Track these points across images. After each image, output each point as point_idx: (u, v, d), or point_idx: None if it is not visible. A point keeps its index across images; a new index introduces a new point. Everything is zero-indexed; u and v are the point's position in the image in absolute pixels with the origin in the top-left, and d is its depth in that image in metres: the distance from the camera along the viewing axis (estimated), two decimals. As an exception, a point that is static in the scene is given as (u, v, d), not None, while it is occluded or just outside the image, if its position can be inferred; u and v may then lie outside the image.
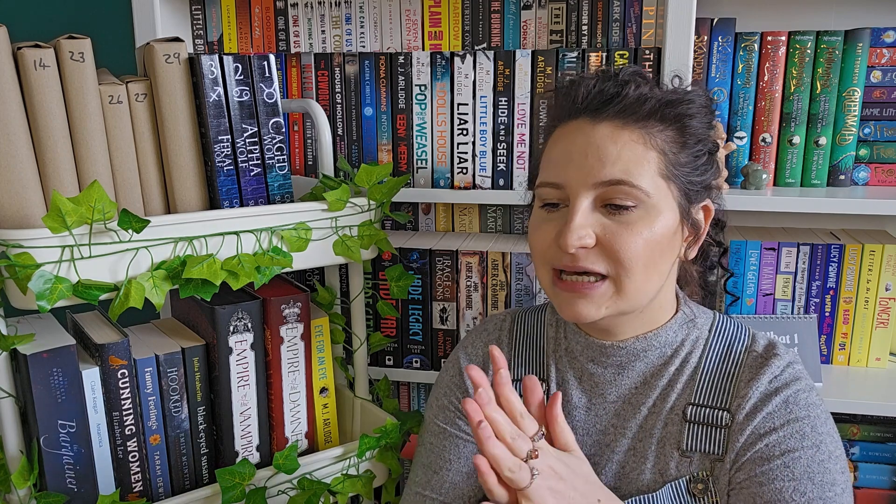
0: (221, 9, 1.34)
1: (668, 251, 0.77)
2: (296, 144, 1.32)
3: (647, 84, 0.77)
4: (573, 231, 0.73)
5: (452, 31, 1.27)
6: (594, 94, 0.76)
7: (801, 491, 0.72)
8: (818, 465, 0.73)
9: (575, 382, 0.85)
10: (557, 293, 0.78)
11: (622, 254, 0.73)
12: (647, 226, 0.74)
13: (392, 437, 1.04)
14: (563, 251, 0.74)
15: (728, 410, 0.78)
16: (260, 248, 0.92)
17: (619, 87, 0.76)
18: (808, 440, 0.74)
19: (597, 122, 0.75)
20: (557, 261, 0.76)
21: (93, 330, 0.92)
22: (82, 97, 0.85)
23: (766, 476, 0.73)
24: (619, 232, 0.73)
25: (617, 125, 0.75)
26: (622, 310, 0.76)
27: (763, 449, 0.74)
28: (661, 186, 0.74)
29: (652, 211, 0.74)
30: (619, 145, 0.74)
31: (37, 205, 0.84)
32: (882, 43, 1.15)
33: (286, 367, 1.00)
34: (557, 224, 0.76)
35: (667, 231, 0.75)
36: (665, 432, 0.79)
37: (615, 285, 0.75)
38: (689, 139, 0.77)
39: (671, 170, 0.75)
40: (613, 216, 0.74)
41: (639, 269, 0.74)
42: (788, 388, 0.77)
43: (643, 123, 0.75)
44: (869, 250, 1.17)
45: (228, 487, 0.92)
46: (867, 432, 1.24)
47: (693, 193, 0.78)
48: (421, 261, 1.24)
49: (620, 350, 0.81)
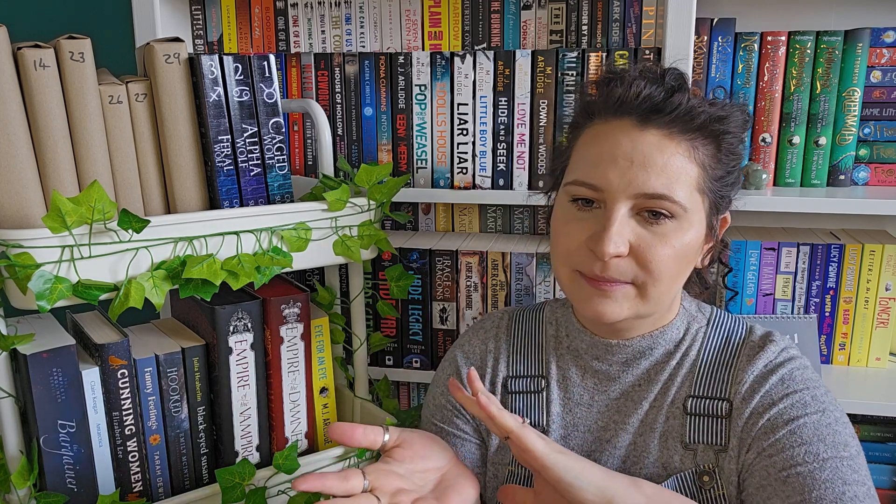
0: (221, 9, 1.34)
1: (692, 260, 0.77)
2: (296, 144, 1.32)
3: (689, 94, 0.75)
4: (611, 239, 0.71)
5: (452, 31, 1.27)
6: (643, 97, 0.74)
7: (813, 453, 0.70)
8: (826, 427, 0.72)
9: (578, 380, 0.85)
10: (582, 287, 0.76)
11: (653, 264, 0.73)
12: (678, 238, 0.73)
13: (392, 437, 1.04)
14: (599, 258, 0.73)
15: (727, 399, 0.78)
16: (260, 248, 0.92)
17: (668, 93, 0.74)
18: (811, 407, 0.73)
19: (644, 128, 0.73)
20: (585, 266, 0.75)
21: (93, 330, 0.92)
22: (82, 97, 0.85)
23: (774, 447, 0.72)
24: (653, 243, 0.73)
25: (664, 134, 0.73)
26: (642, 313, 0.77)
27: (766, 424, 0.73)
28: (697, 200, 0.74)
29: (685, 224, 0.74)
30: (666, 156, 0.72)
31: (37, 205, 0.84)
32: (882, 43, 1.15)
33: (286, 367, 1.00)
34: (590, 226, 0.75)
35: (695, 243, 0.75)
36: (667, 426, 0.80)
37: (639, 290, 0.75)
38: (724, 155, 0.77)
39: (707, 184, 0.75)
40: (648, 226, 0.73)
41: (666, 279, 0.74)
42: (783, 367, 0.77)
43: (691, 136, 0.74)
44: (869, 250, 1.17)
45: (228, 487, 0.92)
46: (867, 432, 1.24)
47: (721, 207, 0.78)
48: (421, 261, 1.24)
49: (626, 348, 0.82)
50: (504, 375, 0.89)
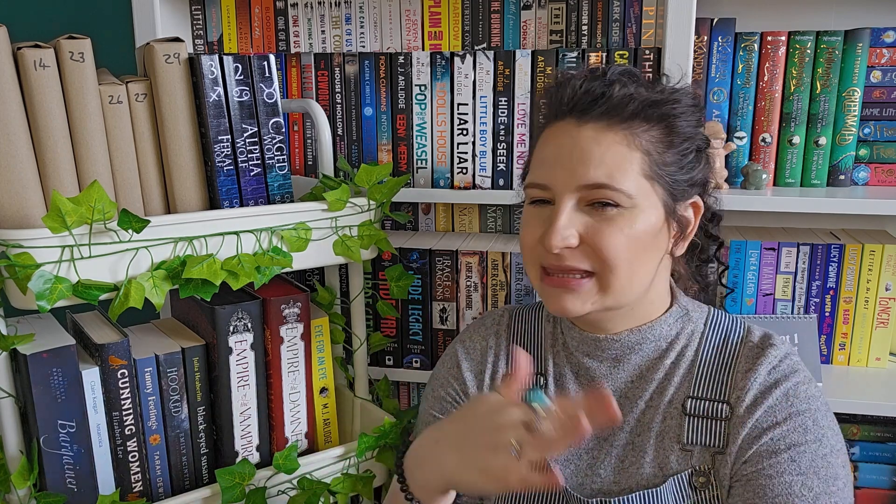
0: (221, 9, 1.34)
1: (653, 248, 0.77)
2: (296, 144, 1.32)
3: (635, 84, 0.77)
4: (557, 232, 0.74)
5: (452, 31, 1.27)
6: (580, 94, 0.77)
7: (808, 486, 0.73)
8: (821, 459, 0.74)
9: (572, 377, 0.86)
10: (544, 288, 0.79)
11: (605, 251, 0.74)
12: (628, 224, 0.74)
13: (391, 436, 1.04)
14: (548, 251, 0.75)
15: (727, 402, 0.78)
16: (260, 248, 0.92)
17: (605, 87, 0.76)
18: (811, 434, 0.75)
19: (582, 124, 0.76)
20: (544, 259, 0.78)
21: (93, 330, 0.92)
22: (82, 97, 0.85)
23: (774, 469, 0.74)
24: (601, 230, 0.74)
25: (602, 126, 0.75)
26: (608, 305, 0.77)
27: (769, 443, 0.75)
28: (645, 186, 0.75)
29: (635, 210, 0.75)
30: (603, 147, 0.74)
31: (37, 205, 0.84)
32: (882, 43, 1.15)
33: (286, 367, 1.00)
34: (544, 223, 0.77)
35: (650, 229, 0.76)
36: (664, 426, 0.80)
37: (600, 282, 0.76)
38: (675, 138, 0.77)
39: (655, 169, 0.76)
40: (596, 214, 0.75)
41: (623, 266, 0.75)
42: (788, 380, 0.77)
43: (628, 124, 0.75)
44: (869, 250, 1.17)
45: (228, 487, 0.92)
46: (867, 432, 1.24)
47: (679, 192, 0.78)
48: (421, 261, 1.24)
49: (615, 343, 0.82)
50: (504, 373, 0.90)
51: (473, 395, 0.90)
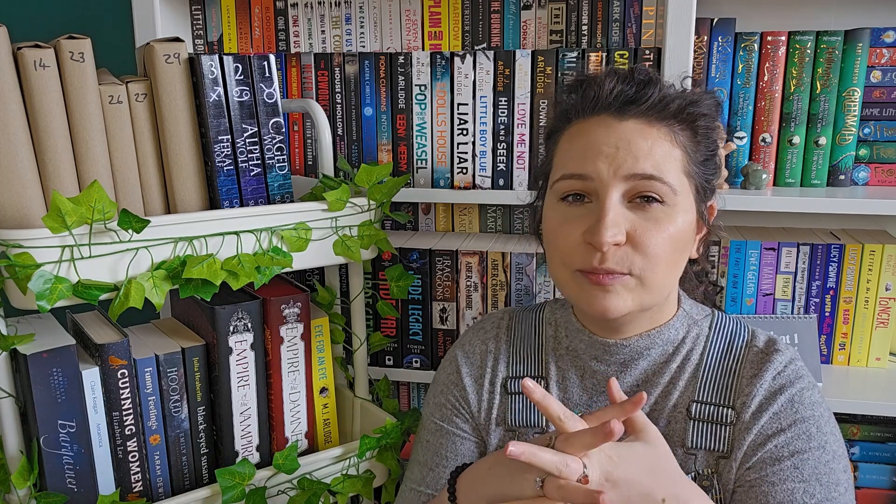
0: (221, 9, 1.34)
1: (685, 249, 0.77)
2: (296, 144, 1.32)
3: (661, 85, 0.78)
4: (608, 227, 0.71)
5: (452, 31, 1.27)
6: (616, 93, 0.76)
7: (810, 493, 0.73)
8: (824, 465, 0.74)
9: (577, 381, 0.85)
10: (583, 286, 0.75)
11: (651, 249, 0.73)
12: (671, 222, 0.74)
13: (392, 437, 1.04)
14: (597, 248, 0.72)
15: (732, 408, 0.78)
16: (260, 248, 0.92)
17: (640, 87, 0.76)
18: (815, 440, 0.75)
19: (623, 119, 0.75)
20: (585, 262, 0.74)
21: (93, 330, 0.92)
22: (82, 97, 0.85)
23: (777, 476, 0.74)
24: (648, 228, 0.73)
25: (643, 122, 0.75)
26: (645, 304, 0.76)
27: (773, 449, 0.75)
28: (685, 184, 0.76)
29: (676, 207, 0.75)
30: (650, 141, 0.74)
31: (37, 205, 0.84)
32: (882, 43, 1.15)
33: (286, 367, 1.00)
34: (585, 221, 0.74)
35: (687, 228, 0.76)
36: (669, 430, 0.80)
37: (639, 281, 0.74)
38: (702, 139, 0.78)
39: (691, 168, 0.76)
40: (641, 212, 0.74)
41: (663, 265, 0.74)
42: (793, 386, 0.77)
43: (668, 122, 0.76)
44: (869, 250, 1.17)
45: (228, 487, 0.92)
46: (867, 432, 1.24)
47: (706, 192, 0.79)
48: (421, 261, 1.24)
49: (624, 348, 0.81)
50: (504, 376, 0.89)
51: (472, 400, 0.89)
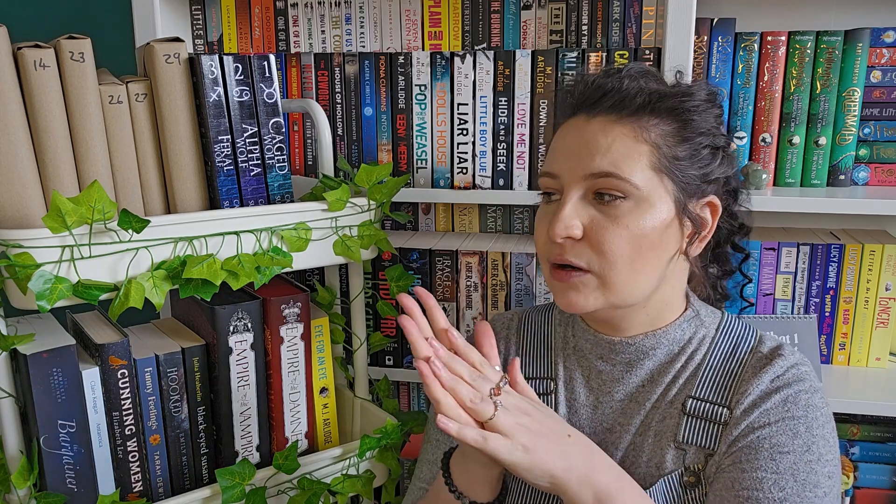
0: (221, 9, 1.34)
1: (659, 246, 0.76)
2: (296, 144, 1.32)
3: (647, 80, 0.78)
4: (561, 220, 0.75)
5: (452, 31, 1.27)
6: (592, 89, 0.78)
7: (780, 485, 0.71)
8: (805, 464, 0.72)
9: (582, 381, 0.85)
10: (553, 284, 0.80)
11: (605, 246, 0.74)
12: (635, 220, 0.74)
13: (392, 437, 1.04)
14: (552, 241, 0.76)
15: (727, 407, 0.77)
16: (260, 248, 0.92)
17: (616, 82, 0.77)
18: (800, 439, 0.73)
19: (591, 118, 0.77)
20: (550, 254, 0.78)
21: (93, 330, 0.92)
22: (82, 97, 0.85)
23: (749, 464, 0.73)
24: (605, 225, 0.74)
25: (610, 119, 0.76)
26: (613, 303, 0.77)
27: (754, 440, 0.74)
28: (653, 179, 0.75)
29: (642, 204, 0.74)
30: (610, 138, 0.75)
31: (37, 205, 0.84)
32: (882, 43, 1.15)
33: (286, 367, 1.00)
34: (552, 215, 0.78)
35: (658, 225, 0.75)
36: (663, 425, 0.80)
37: (599, 278, 0.76)
38: (687, 133, 0.77)
39: (665, 163, 0.75)
40: (602, 207, 0.75)
41: (622, 263, 0.74)
42: (790, 387, 0.76)
43: (636, 117, 0.76)
44: (869, 250, 1.17)
45: (228, 487, 0.92)
46: (867, 432, 1.24)
47: (692, 188, 0.77)
48: (421, 261, 1.24)
49: (629, 347, 0.81)
50: None
51: None
